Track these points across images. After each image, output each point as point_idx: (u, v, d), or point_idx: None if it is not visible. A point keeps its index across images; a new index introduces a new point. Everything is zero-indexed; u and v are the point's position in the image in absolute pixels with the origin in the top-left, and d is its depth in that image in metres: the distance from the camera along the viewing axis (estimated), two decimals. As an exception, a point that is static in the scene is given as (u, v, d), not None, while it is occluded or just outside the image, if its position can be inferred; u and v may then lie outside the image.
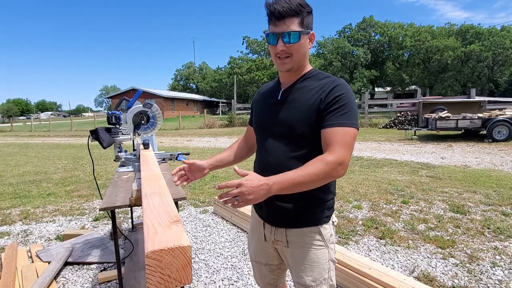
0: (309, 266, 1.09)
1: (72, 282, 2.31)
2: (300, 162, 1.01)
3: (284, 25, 0.98)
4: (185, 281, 0.59)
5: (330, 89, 1.01)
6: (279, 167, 1.04)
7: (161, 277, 0.57)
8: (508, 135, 9.04)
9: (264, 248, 1.22)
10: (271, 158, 1.10)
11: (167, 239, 0.60)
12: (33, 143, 14.19)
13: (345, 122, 0.97)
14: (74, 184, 5.52)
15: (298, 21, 0.99)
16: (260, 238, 1.22)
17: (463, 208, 3.66)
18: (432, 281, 2.20)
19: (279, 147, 1.09)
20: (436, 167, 6.03)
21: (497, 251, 2.62)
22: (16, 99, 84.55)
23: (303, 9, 0.99)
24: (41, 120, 40.67)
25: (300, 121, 1.03)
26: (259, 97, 1.24)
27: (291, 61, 1.03)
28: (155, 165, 1.49)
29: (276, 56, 1.04)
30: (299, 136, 1.05)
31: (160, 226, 0.68)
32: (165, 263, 0.57)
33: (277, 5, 0.97)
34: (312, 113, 1.02)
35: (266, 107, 1.17)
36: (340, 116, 0.98)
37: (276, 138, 1.10)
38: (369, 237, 2.97)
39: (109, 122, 2.36)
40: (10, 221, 3.65)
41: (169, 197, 0.93)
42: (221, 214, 3.63)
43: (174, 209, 0.81)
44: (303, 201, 1.07)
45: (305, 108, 1.03)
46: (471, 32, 30.37)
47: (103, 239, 2.88)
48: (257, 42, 36.51)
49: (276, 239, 1.15)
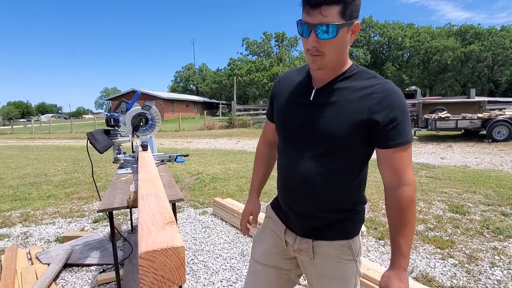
0: (336, 282, 0.99)
1: (71, 284, 2.32)
2: (331, 177, 0.93)
3: (320, 15, 0.79)
4: (179, 282, 0.60)
5: (382, 97, 0.86)
6: (307, 181, 0.95)
7: (154, 277, 0.57)
8: (508, 135, 9.04)
9: (283, 251, 1.10)
10: (299, 170, 0.96)
11: (161, 239, 0.61)
12: (34, 145, 14.21)
13: (407, 138, 0.87)
14: (74, 186, 5.53)
15: (339, 9, 0.78)
16: (278, 241, 1.10)
17: (463, 208, 3.66)
18: (430, 281, 2.20)
19: (309, 158, 0.94)
20: (435, 168, 6.03)
21: (496, 251, 2.62)
22: (16, 101, 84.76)
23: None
24: (42, 123, 40.74)
25: (340, 131, 0.88)
26: (284, 91, 1.04)
27: (325, 60, 0.86)
28: (153, 167, 1.50)
29: (307, 51, 0.87)
30: (335, 147, 0.91)
31: (154, 227, 0.69)
32: (158, 263, 0.57)
33: None
34: (356, 123, 0.87)
35: (293, 106, 0.98)
36: (400, 133, 0.86)
37: (306, 147, 0.95)
38: (368, 238, 2.97)
39: (108, 124, 2.38)
40: (10, 223, 3.66)
41: (165, 199, 0.94)
42: (220, 215, 3.63)
43: (170, 211, 0.82)
44: (334, 213, 0.98)
45: (347, 116, 0.88)
46: (470, 32, 30.43)
47: (102, 241, 2.89)
48: (257, 43, 36.55)
49: (300, 249, 1.04)
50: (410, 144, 0.89)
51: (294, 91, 1.00)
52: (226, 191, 4.75)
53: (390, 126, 0.85)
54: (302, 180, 0.96)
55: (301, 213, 1.01)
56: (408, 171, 0.89)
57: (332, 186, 0.94)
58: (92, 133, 2.22)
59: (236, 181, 5.41)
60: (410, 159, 0.90)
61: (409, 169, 0.89)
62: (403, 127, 0.86)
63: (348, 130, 0.88)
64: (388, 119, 0.85)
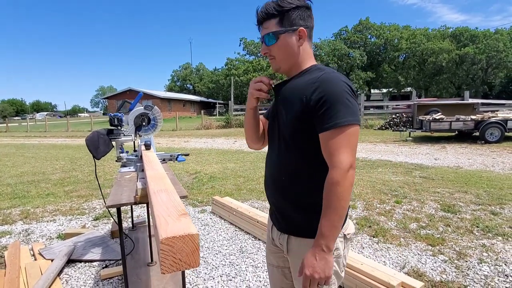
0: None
1: (75, 278, 2.39)
2: (291, 169, 1.01)
3: (264, 29, 1.01)
4: (194, 265, 0.68)
5: (317, 85, 0.93)
6: (273, 172, 1.08)
7: (173, 260, 0.66)
8: (500, 136, 9.22)
9: (272, 249, 1.19)
10: (269, 163, 1.12)
11: (178, 228, 0.69)
12: (30, 143, 14.16)
13: (336, 122, 0.88)
14: (72, 184, 5.57)
15: (276, 21, 0.98)
16: (269, 239, 1.21)
17: (454, 207, 3.78)
18: (421, 276, 2.30)
19: (274, 150, 1.09)
20: (429, 168, 6.16)
21: (485, 248, 2.73)
22: (10, 99, 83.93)
23: (281, 8, 0.97)
24: (37, 121, 40.44)
25: (289, 123, 1.00)
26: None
27: (277, 61, 1.04)
28: (158, 165, 1.58)
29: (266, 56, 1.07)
30: (288, 139, 1.01)
31: (170, 218, 0.77)
32: (176, 248, 0.65)
33: (257, 12, 1.02)
34: (298, 113, 0.96)
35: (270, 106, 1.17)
36: (331, 117, 0.89)
37: (272, 141, 1.12)
38: (363, 236, 3.07)
39: (111, 123, 2.44)
40: (10, 221, 3.70)
41: (175, 193, 1.02)
42: (219, 213, 3.71)
43: (181, 204, 0.90)
44: (301, 208, 1.02)
45: (293, 108, 0.98)
46: (465, 35, 30.80)
47: (104, 238, 2.95)
48: (254, 43, 36.63)
49: (281, 243, 1.11)
50: (344, 127, 0.88)
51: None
52: (224, 190, 4.83)
53: (321, 111, 0.90)
54: (270, 171, 1.10)
55: (276, 207, 1.11)
56: (338, 154, 0.88)
57: (293, 178, 1.01)
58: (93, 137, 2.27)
59: (234, 180, 5.49)
60: (344, 142, 0.88)
61: (340, 152, 0.88)
62: (333, 111, 0.88)
63: (295, 121, 0.97)
64: (319, 104, 0.90)
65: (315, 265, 0.90)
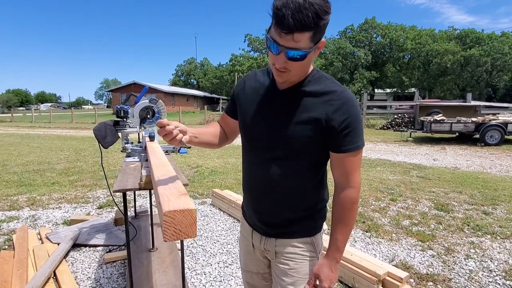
0: (300, 279, 1.02)
1: (80, 261, 2.52)
2: (291, 179, 0.98)
3: (292, 40, 0.79)
4: (191, 235, 0.79)
5: (339, 105, 0.90)
6: (268, 182, 0.99)
7: (174, 230, 0.77)
8: (500, 139, 9.28)
9: (252, 257, 1.14)
10: (262, 171, 1.00)
11: (179, 204, 0.80)
12: (34, 134, 14.35)
13: (358, 145, 0.92)
14: (77, 174, 5.72)
15: (309, 35, 0.79)
16: (248, 246, 1.14)
17: (447, 206, 3.88)
18: (409, 268, 2.41)
19: (271, 159, 0.98)
20: (427, 168, 6.25)
21: (473, 245, 2.84)
22: (15, 89, 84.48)
23: (320, 21, 0.77)
24: (41, 112, 40.77)
25: (300, 135, 0.93)
26: (248, 92, 1.05)
27: (290, 75, 0.89)
28: (162, 154, 1.69)
29: (273, 65, 0.89)
30: (295, 151, 0.95)
31: (172, 196, 0.88)
32: (177, 220, 0.77)
33: (287, 15, 0.75)
34: (314, 128, 0.91)
35: (259, 108, 1.00)
36: (352, 141, 0.91)
37: (268, 149, 0.98)
38: (356, 230, 3.18)
39: (117, 115, 2.56)
40: (18, 207, 3.85)
41: (177, 178, 1.13)
42: (218, 205, 3.84)
43: (182, 186, 1.01)
44: (295, 212, 1.02)
45: (307, 121, 0.92)
46: (471, 37, 30.62)
47: (107, 225, 3.09)
48: (259, 40, 36.63)
49: (266, 249, 1.07)
50: (361, 149, 0.94)
51: (259, 93, 1.02)
52: (225, 183, 4.95)
53: (344, 133, 0.90)
54: (264, 181, 1.00)
55: (264, 213, 1.04)
56: (356, 175, 0.95)
57: (292, 187, 0.99)
58: (100, 128, 2.40)
59: (234, 174, 5.61)
60: (359, 163, 0.96)
61: (357, 173, 0.95)
62: (355, 134, 0.91)
63: (307, 134, 0.92)
64: (343, 126, 0.90)
65: (331, 276, 0.99)
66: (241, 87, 1.08)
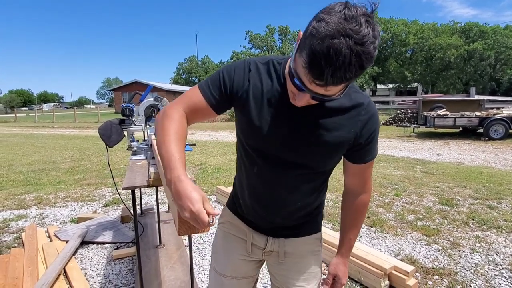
0: (312, 274, 1.03)
1: (88, 258, 2.56)
2: (311, 192, 0.94)
3: (323, 89, 0.67)
4: (204, 230, 0.81)
5: (366, 120, 0.85)
6: (289, 198, 0.93)
7: (188, 225, 0.79)
8: (505, 133, 9.23)
9: (248, 258, 1.04)
10: (280, 189, 0.91)
11: (192, 199, 0.82)
12: (38, 133, 14.44)
13: (376, 153, 0.93)
14: (82, 173, 5.77)
15: (342, 86, 0.69)
16: (239, 249, 1.03)
17: (452, 201, 3.88)
18: (414, 263, 2.43)
19: (293, 176, 0.89)
20: (431, 163, 6.24)
21: (478, 239, 2.84)
22: (18, 89, 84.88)
23: (359, 73, 0.65)
24: (44, 111, 40.96)
25: (329, 158, 0.88)
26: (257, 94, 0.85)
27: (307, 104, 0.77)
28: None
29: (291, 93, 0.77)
30: (321, 169, 0.91)
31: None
32: (190, 215, 0.78)
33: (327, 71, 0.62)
34: (343, 146, 0.86)
35: (271, 118, 0.84)
36: (373, 151, 0.91)
37: (289, 165, 0.87)
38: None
39: (123, 114, 2.58)
40: (25, 206, 3.89)
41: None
42: (223, 202, 3.86)
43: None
44: (309, 212, 1.00)
45: (335, 139, 0.83)
46: (474, 31, 30.37)
47: (114, 222, 3.12)
48: (260, 37, 36.50)
49: (271, 250, 1.00)
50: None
51: (271, 101, 0.84)
52: (229, 181, 4.98)
53: (368, 146, 0.89)
54: (284, 197, 0.92)
55: (276, 220, 0.98)
56: (370, 181, 0.99)
57: (307, 194, 0.95)
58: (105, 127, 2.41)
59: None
60: (372, 170, 0.99)
61: (371, 179, 1.00)
62: (375, 145, 0.91)
63: (333, 155, 0.88)
64: (369, 141, 0.88)
65: (347, 272, 1.06)
66: (246, 87, 0.85)
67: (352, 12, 0.61)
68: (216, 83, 0.87)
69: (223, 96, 0.87)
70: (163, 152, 0.79)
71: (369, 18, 0.63)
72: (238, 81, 0.86)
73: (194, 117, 0.90)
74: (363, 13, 0.63)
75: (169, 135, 0.81)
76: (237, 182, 1.06)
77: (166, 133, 0.82)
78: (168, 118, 0.84)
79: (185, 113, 0.88)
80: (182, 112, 0.87)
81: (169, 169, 0.76)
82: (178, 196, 0.70)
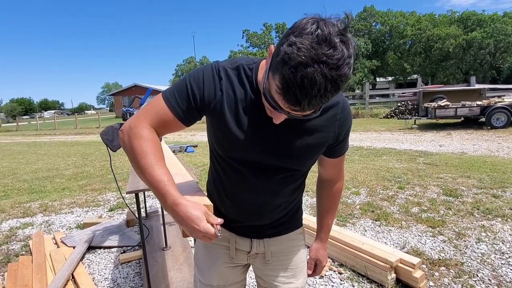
0: (299, 269, 1.04)
1: (96, 263, 2.58)
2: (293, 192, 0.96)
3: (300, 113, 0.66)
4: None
5: (343, 119, 0.87)
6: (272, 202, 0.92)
7: (192, 226, 0.79)
8: (507, 121, 9.17)
9: (234, 264, 1.01)
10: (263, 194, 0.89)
11: (195, 200, 0.83)
12: (41, 141, 14.51)
13: (348, 146, 0.99)
14: (86, 179, 5.79)
15: (318, 107, 0.68)
16: (223, 255, 0.99)
17: (456, 192, 3.87)
18: (420, 255, 2.42)
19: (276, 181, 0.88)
20: (433, 155, 6.23)
21: (484, 229, 2.84)
22: (19, 98, 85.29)
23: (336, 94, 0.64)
24: (45, 119, 41.14)
25: (311, 159, 0.89)
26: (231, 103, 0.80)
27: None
28: (171, 154, 1.72)
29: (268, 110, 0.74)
30: (303, 171, 0.93)
31: (187, 194, 0.91)
32: (195, 216, 0.79)
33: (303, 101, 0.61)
34: (322, 146, 0.88)
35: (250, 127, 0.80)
36: (347, 143, 0.96)
37: (271, 170, 0.86)
38: (365, 220, 3.20)
39: (124, 118, 2.59)
40: (31, 213, 3.92)
41: (189, 176, 1.16)
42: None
43: (195, 184, 1.04)
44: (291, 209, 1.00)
45: (316, 140, 0.84)
46: (472, 19, 30.17)
47: (120, 226, 3.14)
48: (257, 35, 36.44)
49: (256, 253, 0.99)
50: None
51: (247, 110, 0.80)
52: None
53: (344, 141, 0.94)
54: (268, 201, 0.92)
55: (261, 225, 0.97)
56: (344, 169, 1.06)
57: (290, 193, 0.95)
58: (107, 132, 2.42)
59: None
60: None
61: (344, 167, 1.06)
62: (348, 138, 0.96)
63: (315, 154, 0.89)
64: (344, 136, 0.92)
65: (326, 255, 1.12)
66: (218, 98, 0.80)
67: (324, 32, 0.58)
68: (183, 94, 0.80)
69: (192, 108, 0.80)
70: (148, 179, 0.74)
71: (343, 36, 0.59)
72: (209, 91, 0.80)
73: (162, 131, 0.84)
74: (337, 31, 0.59)
75: (147, 158, 0.75)
76: (213, 190, 0.99)
77: (143, 156, 0.75)
78: (138, 138, 0.77)
79: (153, 128, 0.81)
80: (150, 128, 0.80)
81: (162, 197, 0.73)
82: (181, 220, 0.71)
